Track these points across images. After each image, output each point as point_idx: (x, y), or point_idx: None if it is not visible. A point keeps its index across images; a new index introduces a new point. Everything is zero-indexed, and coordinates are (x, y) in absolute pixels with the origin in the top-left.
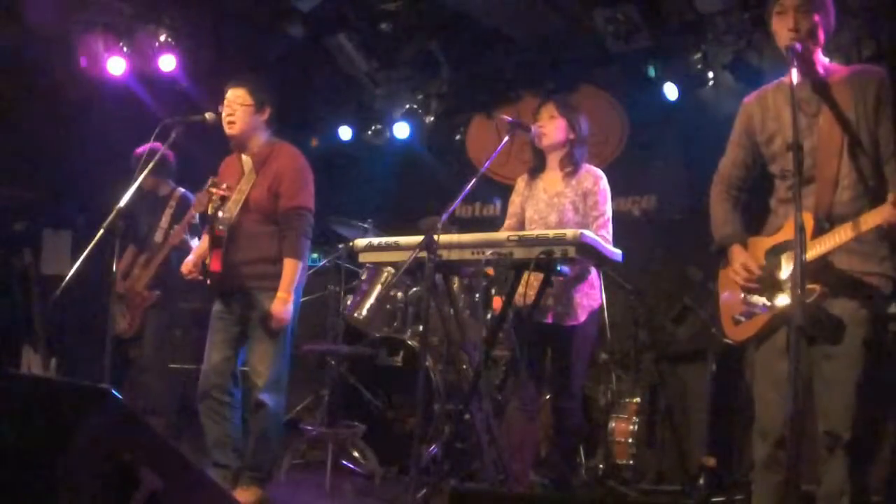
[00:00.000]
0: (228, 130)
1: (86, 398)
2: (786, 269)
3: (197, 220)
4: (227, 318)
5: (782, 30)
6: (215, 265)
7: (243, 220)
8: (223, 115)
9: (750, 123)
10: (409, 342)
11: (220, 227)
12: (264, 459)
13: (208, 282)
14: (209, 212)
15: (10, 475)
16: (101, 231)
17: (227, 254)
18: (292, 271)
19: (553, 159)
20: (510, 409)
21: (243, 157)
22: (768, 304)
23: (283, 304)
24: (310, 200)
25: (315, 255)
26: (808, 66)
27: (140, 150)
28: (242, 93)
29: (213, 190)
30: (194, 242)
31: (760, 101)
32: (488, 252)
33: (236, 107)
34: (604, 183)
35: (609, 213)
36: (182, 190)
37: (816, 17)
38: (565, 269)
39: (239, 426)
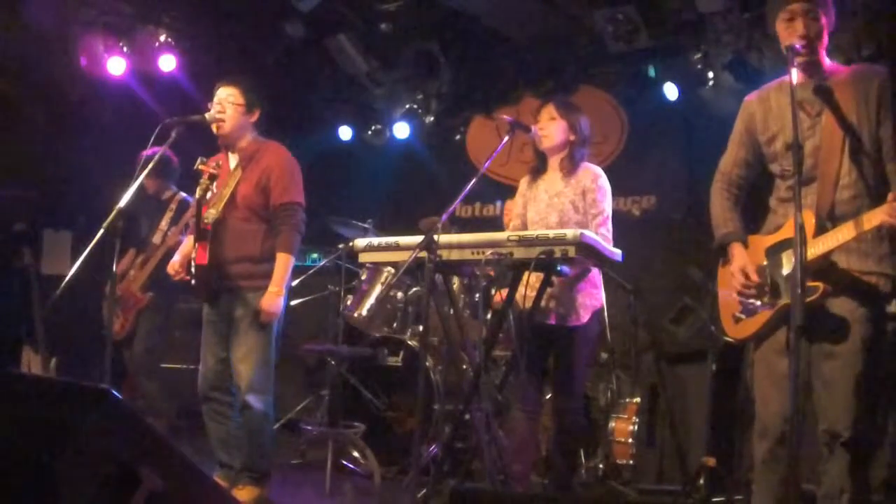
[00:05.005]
0: (217, 129)
1: (86, 398)
2: (787, 268)
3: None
4: (216, 319)
5: (791, 35)
6: (201, 258)
7: (229, 216)
8: (213, 112)
9: (751, 122)
10: (409, 342)
11: (206, 221)
12: (259, 459)
13: (193, 281)
14: (198, 195)
15: (10, 475)
16: (101, 231)
17: (213, 250)
18: (285, 266)
19: (554, 161)
20: (513, 411)
21: (230, 154)
22: (769, 302)
23: (275, 298)
24: (301, 196)
25: (315, 255)
26: (812, 68)
27: (147, 152)
28: (234, 92)
29: (202, 167)
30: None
31: (762, 100)
32: (488, 252)
33: (227, 105)
34: (602, 180)
35: (608, 211)
36: (183, 194)
37: (823, 21)
38: (565, 269)
39: (242, 425)
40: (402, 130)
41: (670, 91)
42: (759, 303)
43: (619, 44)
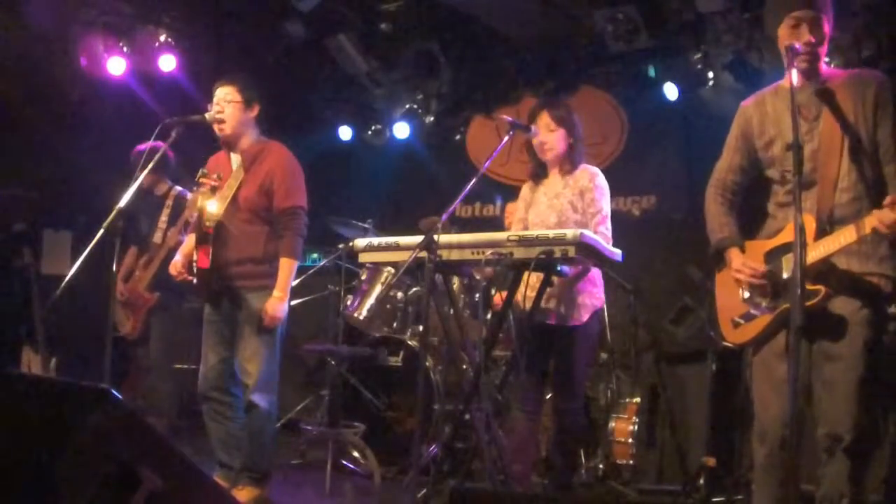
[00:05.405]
0: (218, 129)
1: (86, 398)
2: (787, 271)
3: (194, 219)
4: (217, 319)
5: (796, 42)
6: (203, 261)
7: (230, 218)
8: (213, 113)
9: (748, 128)
10: (409, 342)
11: (208, 224)
12: (260, 459)
13: (195, 281)
14: (198, 203)
15: (9, 475)
16: (101, 231)
17: (215, 252)
18: (289, 270)
19: (554, 164)
20: (513, 411)
21: (232, 155)
22: (769, 305)
23: (279, 303)
24: (303, 199)
25: (315, 255)
26: (810, 72)
27: (140, 147)
28: (231, 90)
29: (204, 180)
30: None
31: (758, 105)
32: (488, 252)
33: (225, 104)
34: (599, 180)
35: (607, 210)
36: (179, 188)
37: (826, 29)
38: (565, 268)
39: (242, 425)
40: (402, 130)
41: (670, 91)
42: (761, 306)
43: (619, 44)
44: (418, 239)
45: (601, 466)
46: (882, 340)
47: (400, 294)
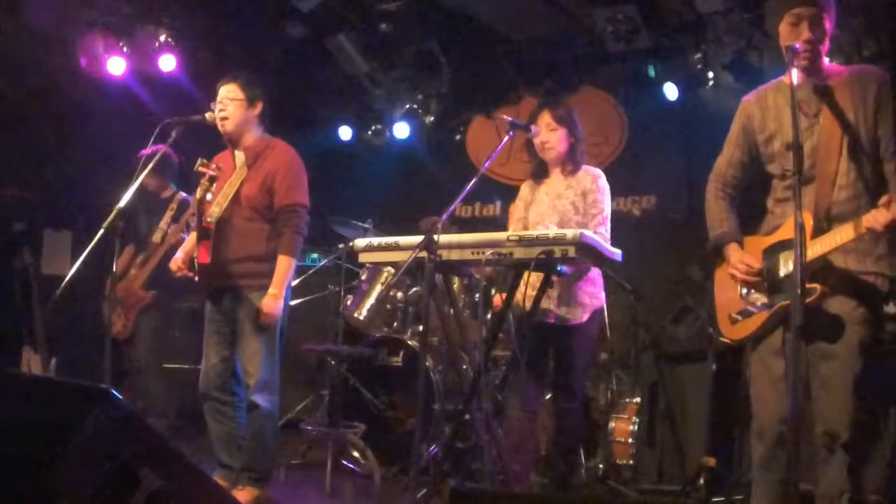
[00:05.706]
0: (222, 127)
1: (86, 398)
2: (784, 268)
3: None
4: (218, 318)
5: (795, 39)
6: (204, 257)
7: (232, 215)
8: (216, 111)
9: (749, 123)
10: (409, 342)
11: (209, 220)
12: (261, 459)
13: (196, 277)
14: (198, 196)
15: (9, 475)
16: (101, 231)
17: (216, 249)
18: (286, 268)
19: (555, 164)
20: (510, 409)
21: (236, 152)
22: (766, 302)
23: (275, 301)
24: (305, 197)
25: (315, 255)
26: (811, 69)
27: (145, 151)
28: (234, 87)
29: (202, 169)
30: None
31: (760, 100)
32: (488, 252)
33: (228, 102)
34: (602, 182)
35: (607, 211)
36: (183, 194)
37: (827, 25)
38: (565, 268)
39: (243, 424)
40: (402, 130)
41: (670, 91)
42: (758, 303)
43: (619, 44)
44: (418, 239)
45: (601, 466)
46: (879, 340)
47: (400, 294)
